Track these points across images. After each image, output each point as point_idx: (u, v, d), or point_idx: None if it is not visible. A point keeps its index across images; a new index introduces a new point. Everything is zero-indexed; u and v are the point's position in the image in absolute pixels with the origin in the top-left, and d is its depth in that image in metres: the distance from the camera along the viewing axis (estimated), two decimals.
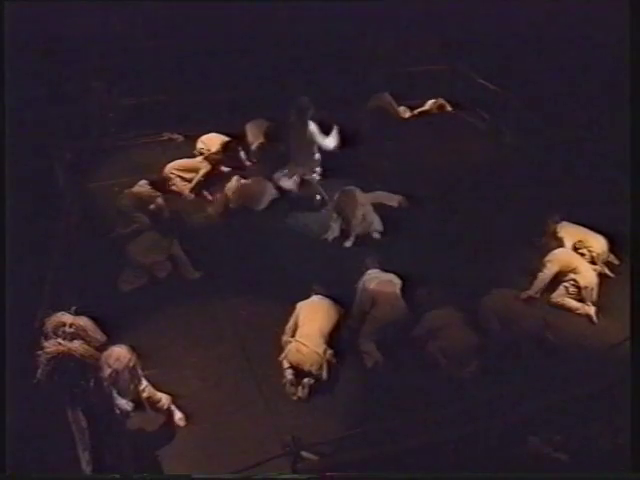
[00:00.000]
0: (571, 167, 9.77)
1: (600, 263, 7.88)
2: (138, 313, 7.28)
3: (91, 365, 5.59)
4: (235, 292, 7.69)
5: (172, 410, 6.03)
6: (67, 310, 6.48)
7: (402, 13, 11.81)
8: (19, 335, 5.49)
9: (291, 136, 9.38)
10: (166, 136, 11.09)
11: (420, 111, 12.29)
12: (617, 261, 8.02)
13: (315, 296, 6.95)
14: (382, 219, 8.72)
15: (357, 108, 11.39)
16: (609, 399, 6.06)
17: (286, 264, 8.09)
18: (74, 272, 7.56)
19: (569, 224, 8.13)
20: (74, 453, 5.23)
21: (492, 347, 6.74)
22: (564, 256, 7.65)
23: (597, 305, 7.43)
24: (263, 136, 10.58)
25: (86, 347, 5.81)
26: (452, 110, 12.32)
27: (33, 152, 8.93)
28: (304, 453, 5.41)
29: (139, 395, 5.81)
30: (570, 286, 7.49)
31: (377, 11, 11.61)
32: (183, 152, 10.38)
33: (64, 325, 6.24)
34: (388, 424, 5.83)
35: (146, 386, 5.85)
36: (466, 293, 7.33)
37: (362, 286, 7.13)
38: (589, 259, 7.88)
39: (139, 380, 5.78)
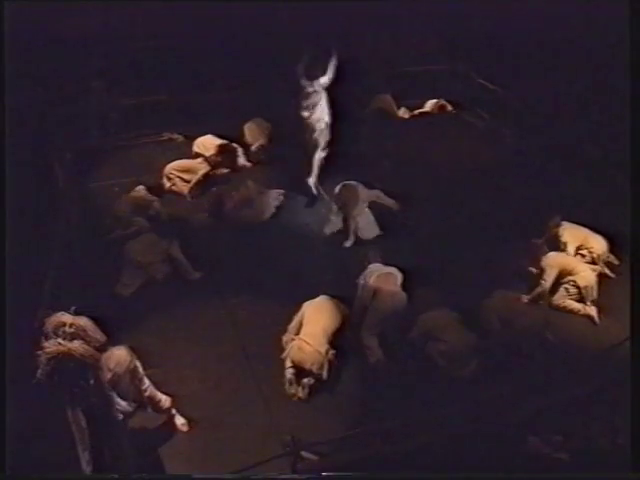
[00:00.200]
0: (571, 167, 9.77)
1: (601, 263, 7.89)
2: (138, 313, 7.29)
3: (91, 365, 5.58)
4: (235, 292, 7.69)
5: (174, 414, 6.02)
6: (67, 310, 6.48)
7: (402, 13, 11.80)
8: (19, 335, 5.49)
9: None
10: (166, 136, 11.09)
11: (420, 112, 12.29)
12: (617, 261, 8.02)
13: (321, 296, 6.94)
14: (382, 218, 8.73)
15: (357, 108, 11.39)
16: (609, 399, 6.07)
17: (286, 264, 8.09)
18: (74, 272, 7.55)
19: (570, 225, 8.13)
20: (74, 453, 5.23)
21: (492, 347, 6.74)
22: (561, 259, 7.64)
23: (597, 305, 7.43)
24: (263, 137, 10.59)
25: (86, 347, 5.81)
26: (452, 110, 12.32)
27: (33, 152, 8.92)
28: (304, 453, 5.43)
29: (140, 396, 5.81)
30: (570, 287, 7.49)
31: (377, 11, 11.60)
32: (183, 152, 10.39)
33: (64, 325, 6.24)
34: (388, 424, 5.83)
35: (148, 385, 5.85)
36: (463, 293, 7.32)
37: (363, 280, 7.13)
38: (589, 260, 7.89)
39: (140, 381, 5.78)
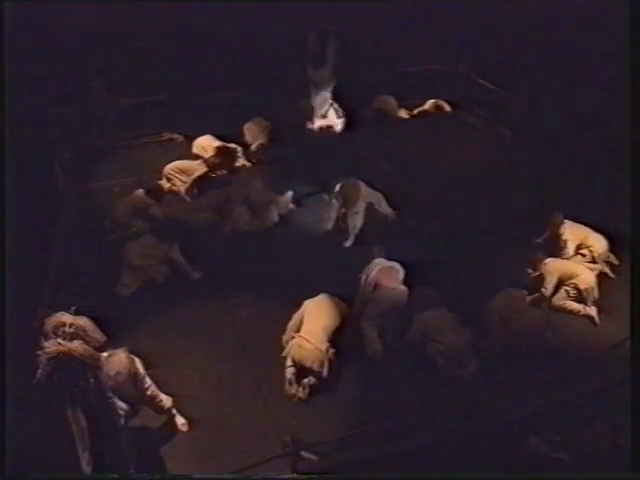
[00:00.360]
0: (571, 167, 9.77)
1: (601, 262, 7.88)
2: (138, 313, 7.28)
3: (91, 365, 5.57)
4: (235, 292, 7.69)
5: (174, 414, 6.02)
6: (67, 310, 6.47)
7: (402, 13, 11.81)
8: (19, 335, 5.49)
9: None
10: (166, 136, 11.09)
11: (419, 110, 12.29)
12: (617, 261, 8.02)
13: (321, 294, 6.93)
14: (381, 217, 8.76)
15: (357, 108, 11.40)
16: (609, 399, 6.07)
17: (286, 264, 8.08)
18: (74, 272, 7.55)
19: (571, 223, 8.11)
20: (74, 453, 5.23)
21: (492, 347, 6.74)
22: (559, 265, 7.61)
23: (598, 305, 7.43)
24: (263, 136, 10.58)
25: (86, 347, 5.79)
26: (452, 110, 12.32)
27: (33, 152, 8.92)
28: (304, 453, 5.43)
29: (142, 398, 5.80)
30: (570, 290, 7.49)
31: (377, 11, 11.61)
32: (183, 152, 10.39)
33: (64, 325, 6.22)
34: (388, 424, 5.83)
35: (150, 385, 5.83)
36: (463, 293, 7.32)
37: (365, 275, 7.14)
38: (590, 259, 7.89)
39: (142, 382, 5.75)
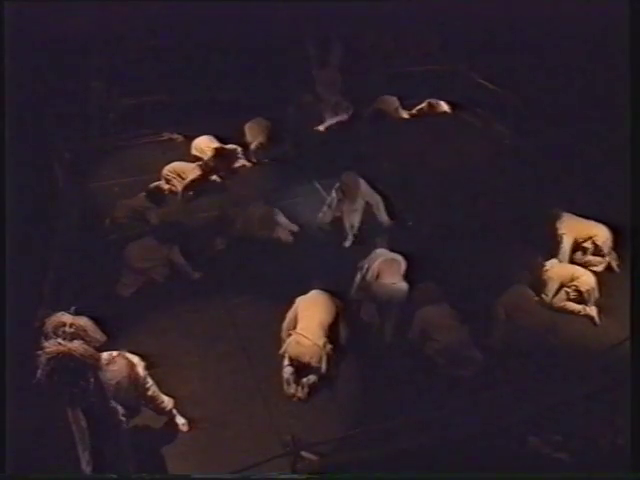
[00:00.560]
0: (571, 167, 9.76)
1: (607, 249, 7.85)
2: (138, 313, 7.29)
3: (91, 365, 5.57)
4: (235, 292, 7.69)
5: (174, 414, 6.01)
6: (67, 310, 6.48)
7: (402, 13, 11.80)
8: (19, 335, 5.49)
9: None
10: (166, 136, 11.10)
11: (419, 109, 12.29)
12: (617, 261, 8.01)
13: (314, 290, 6.93)
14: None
15: (357, 108, 11.41)
16: (609, 399, 6.07)
17: (286, 264, 8.08)
18: (74, 272, 7.56)
19: (570, 216, 8.06)
20: (74, 453, 5.22)
21: (493, 347, 6.74)
22: (559, 270, 7.57)
23: (598, 305, 7.42)
24: (262, 136, 10.58)
25: (86, 347, 5.78)
26: (452, 110, 12.32)
27: (33, 152, 8.92)
28: (304, 453, 5.43)
29: (143, 399, 5.79)
30: (571, 291, 7.48)
31: (377, 11, 11.60)
32: (183, 152, 10.39)
33: (64, 325, 6.23)
34: (388, 424, 5.83)
35: (151, 385, 5.82)
36: (463, 292, 7.30)
37: (367, 264, 7.17)
38: (593, 251, 7.87)
39: (143, 385, 5.74)
